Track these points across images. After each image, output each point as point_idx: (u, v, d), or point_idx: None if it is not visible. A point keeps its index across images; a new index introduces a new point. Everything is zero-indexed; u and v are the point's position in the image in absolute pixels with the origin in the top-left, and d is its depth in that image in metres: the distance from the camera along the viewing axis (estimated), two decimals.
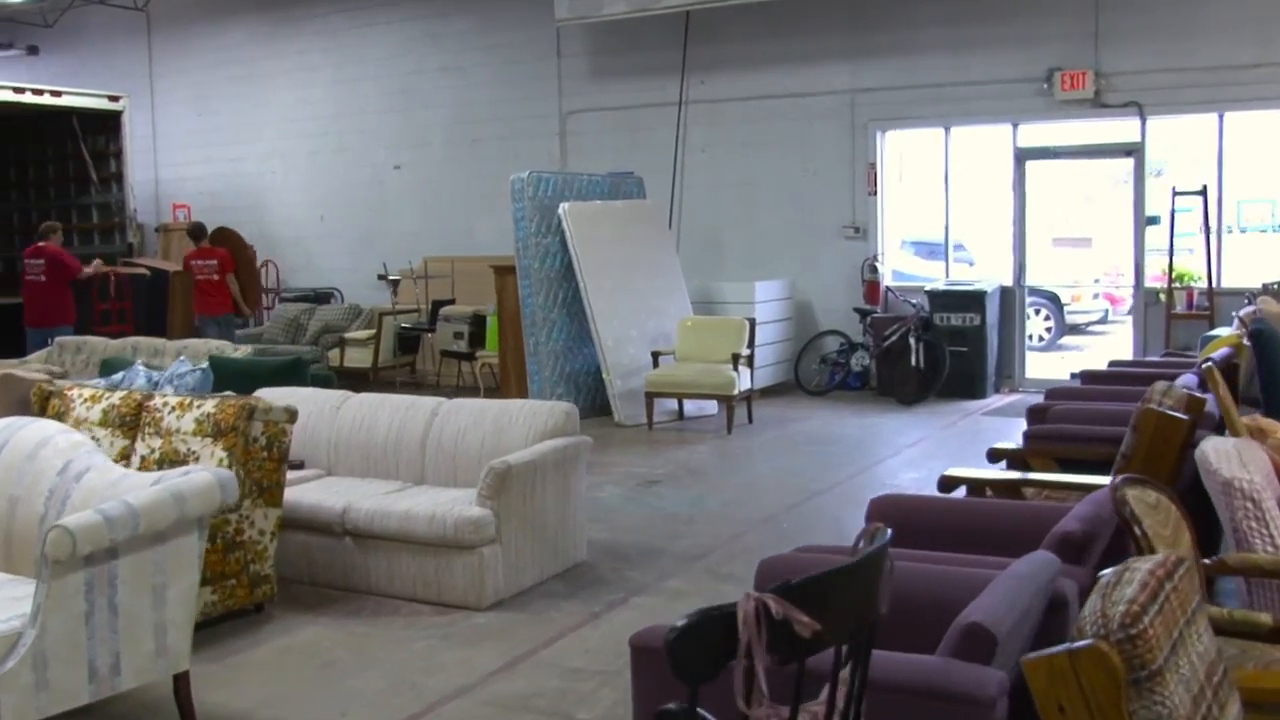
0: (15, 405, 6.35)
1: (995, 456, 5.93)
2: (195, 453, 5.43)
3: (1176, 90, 10.91)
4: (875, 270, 12.41)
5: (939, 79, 11.99)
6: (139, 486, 4.10)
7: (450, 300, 13.32)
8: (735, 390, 10.14)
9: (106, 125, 15.90)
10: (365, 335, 13.23)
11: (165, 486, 4.01)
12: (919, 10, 12.08)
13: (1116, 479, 3.53)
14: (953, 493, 5.09)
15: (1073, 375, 8.38)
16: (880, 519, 4.40)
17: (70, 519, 3.75)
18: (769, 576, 3.58)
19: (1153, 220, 11.33)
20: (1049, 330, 15.55)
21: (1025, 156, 11.96)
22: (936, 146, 12.44)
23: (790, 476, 8.52)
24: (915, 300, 11.96)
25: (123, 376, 7.41)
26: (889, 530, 2.06)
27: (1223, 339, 8.29)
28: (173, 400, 5.68)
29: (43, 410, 6.17)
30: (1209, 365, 4.87)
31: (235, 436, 5.31)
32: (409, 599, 5.61)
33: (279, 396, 6.63)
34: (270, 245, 16.37)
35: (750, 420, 10.57)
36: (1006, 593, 2.86)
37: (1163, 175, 12.33)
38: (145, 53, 17.38)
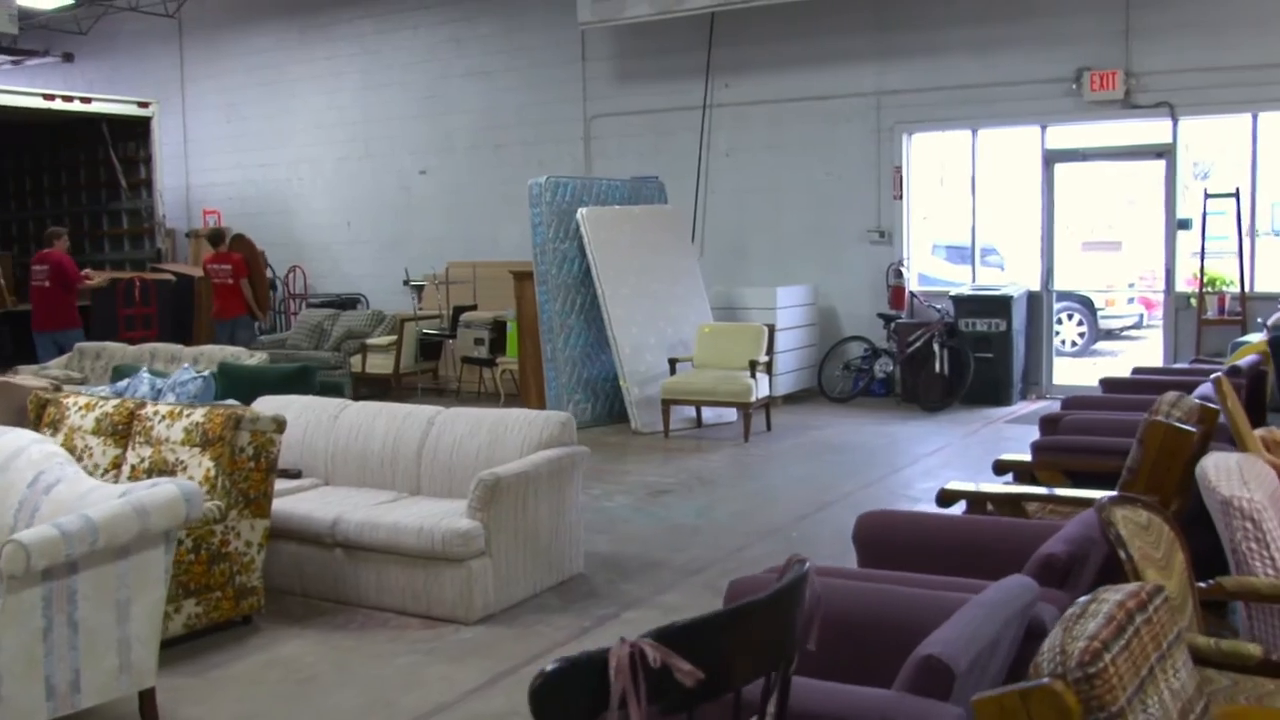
0: (12, 413, 6.33)
1: (1002, 469, 5.71)
2: (184, 462, 5.38)
3: (1209, 90, 10.60)
4: (900, 275, 12.18)
5: (965, 80, 11.76)
6: (105, 499, 4.02)
7: (472, 306, 13.25)
8: (752, 397, 9.97)
9: (136, 131, 16.03)
10: (387, 341, 13.19)
11: (127, 500, 3.93)
12: (945, 10, 11.85)
13: (1103, 498, 3.35)
14: (952, 507, 4.89)
15: (1100, 382, 8.13)
16: (866, 537, 4.27)
17: (25, 533, 3.68)
18: (739, 597, 3.43)
19: (1184, 224, 11.02)
20: (1081, 336, 15.20)
21: (1054, 159, 11.69)
22: (964, 149, 12.20)
23: (803, 486, 8.34)
24: (940, 305, 11.74)
25: (127, 384, 7.38)
26: (807, 563, 1.91)
27: (1252, 345, 8.03)
28: (163, 409, 5.63)
29: (39, 418, 6.15)
30: (1218, 376, 4.65)
31: (222, 446, 5.24)
32: (398, 611, 5.50)
33: (277, 405, 6.58)
34: (297, 251, 16.41)
35: (769, 428, 10.40)
36: (970, 621, 2.70)
37: (1208, 178, 12.01)
38: (177, 59, 17.50)
